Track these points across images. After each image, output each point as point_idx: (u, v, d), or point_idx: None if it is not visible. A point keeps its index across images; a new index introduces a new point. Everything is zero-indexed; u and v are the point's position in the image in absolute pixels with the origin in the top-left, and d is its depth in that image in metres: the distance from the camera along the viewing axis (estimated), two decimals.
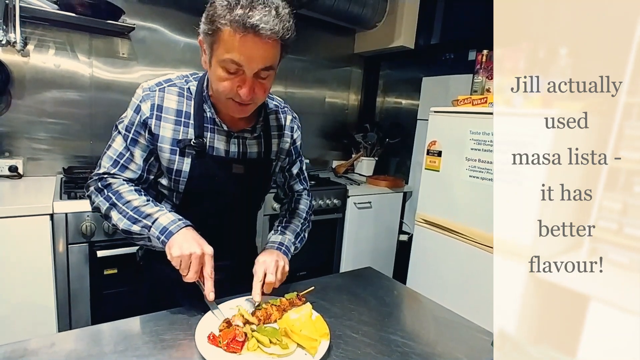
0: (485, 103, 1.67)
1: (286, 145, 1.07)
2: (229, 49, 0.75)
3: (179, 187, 0.93)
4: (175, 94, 0.91)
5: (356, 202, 2.41)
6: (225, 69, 0.78)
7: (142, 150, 0.90)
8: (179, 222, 0.84)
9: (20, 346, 0.69)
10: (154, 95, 0.89)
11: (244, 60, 0.76)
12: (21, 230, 1.45)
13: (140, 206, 0.86)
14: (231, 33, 0.74)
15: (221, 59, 0.77)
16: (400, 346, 0.79)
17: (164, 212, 0.86)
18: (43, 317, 1.54)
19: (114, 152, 0.90)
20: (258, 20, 0.72)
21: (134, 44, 2.08)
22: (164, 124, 0.89)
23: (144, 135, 0.89)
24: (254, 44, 0.74)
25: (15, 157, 1.87)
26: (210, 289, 0.80)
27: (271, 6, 0.74)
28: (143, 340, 0.74)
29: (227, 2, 0.73)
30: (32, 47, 1.84)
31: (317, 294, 0.97)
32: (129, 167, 0.90)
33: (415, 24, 2.54)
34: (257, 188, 1.05)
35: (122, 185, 0.89)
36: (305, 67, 2.78)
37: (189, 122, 0.91)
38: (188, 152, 0.91)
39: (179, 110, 0.90)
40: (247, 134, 0.96)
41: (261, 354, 0.71)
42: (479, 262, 1.64)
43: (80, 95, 1.98)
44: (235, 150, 0.95)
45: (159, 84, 0.91)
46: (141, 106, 0.88)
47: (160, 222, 0.83)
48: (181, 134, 0.90)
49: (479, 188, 1.64)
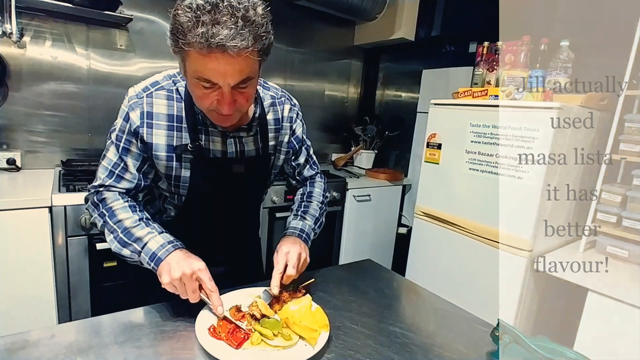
0: (485, 95, 1.66)
1: (285, 138, 1.03)
2: (198, 69, 0.70)
3: (180, 191, 0.91)
4: (164, 98, 0.86)
5: (355, 195, 2.41)
6: (200, 86, 0.73)
7: (135, 159, 0.88)
8: (167, 245, 0.80)
9: (21, 338, 0.69)
10: (142, 103, 0.84)
11: (216, 78, 0.70)
12: (20, 223, 1.45)
13: (130, 227, 0.83)
14: (197, 53, 0.68)
15: (194, 76, 0.72)
16: (400, 337, 0.79)
17: (154, 234, 0.82)
18: (43, 309, 1.55)
19: (109, 162, 0.87)
20: (223, 37, 0.64)
21: (132, 36, 2.06)
22: (156, 131, 0.85)
23: (136, 143, 0.86)
24: (225, 61, 0.68)
25: (13, 150, 1.86)
26: (217, 303, 0.76)
27: (237, 15, 0.65)
28: (143, 332, 0.74)
29: (188, 18, 0.65)
30: (29, 39, 1.82)
31: (317, 285, 0.97)
32: (125, 176, 0.88)
33: (415, 16, 2.52)
34: (258, 185, 1.03)
35: (116, 201, 0.86)
36: (305, 59, 2.76)
37: (182, 125, 0.87)
38: (186, 157, 0.88)
39: (170, 115, 0.86)
40: (242, 132, 0.92)
41: (265, 346, 0.71)
42: (478, 255, 1.64)
43: (78, 87, 1.97)
44: (232, 150, 0.92)
45: (145, 89, 0.86)
46: (130, 115, 0.84)
47: (149, 247, 0.80)
48: (175, 139, 0.87)
49: (479, 181, 1.64)
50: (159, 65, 2.15)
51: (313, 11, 2.55)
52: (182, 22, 0.66)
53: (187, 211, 0.96)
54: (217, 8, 0.65)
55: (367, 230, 2.56)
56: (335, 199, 2.31)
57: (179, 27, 0.67)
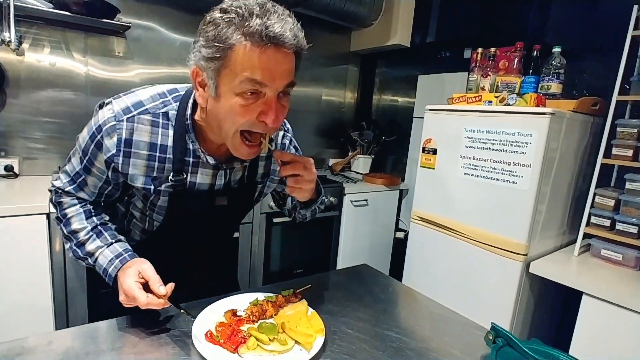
0: (480, 101, 1.68)
1: (277, 167, 0.94)
2: (247, 68, 0.63)
3: (154, 215, 0.86)
4: (147, 124, 0.76)
5: (352, 199, 2.42)
6: (243, 95, 0.66)
7: (97, 180, 0.81)
8: (115, 261, 0.78)
9: (18, 344, 0.69)
10: (120, 128, 0.74)
11: (267, 78, 0.64)
12: (18, 230, 1.45)
13: (83, 241, 0.81)
14: (249, 48, 0.62)
15: (238, 83, 0.64)
16: (395, 342, 0.80)
17: (103, 248, 0.80)
18: (40, 316, 1.55)
19: (72, 170, 0.82)
20: (280, 29, 0.61)
21: (130, 43, 2.07)
22: (134, 160, 0.76)
23: (102, 169, 0.79)
24: (276, 58, 0.64)
25: (10, 157, 1.87)
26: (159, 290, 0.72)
27: (284, 13, 0.64)
28: (140, 338, 0.74)
29: (237, 14, 0.62)
30: (27, 46, 1.84)
31: (313, 290, 0.97)
32: (84, 189, 0.83)
33: (411, 22, 2.54)
34: (237, 215, 0.98)
35: (72, 207, 0.83)
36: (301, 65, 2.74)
37: (166, 156, 0.78)
38: (165, 191, 0.80)
39: (152, 144, 0.77)
40: (236, 163, 0.84)
41: (261, 351, 0.72)
42: (474, 259, 1.65)
43: (76, 94, 1.98)
44: (221, 182, 0.85)
45: (127, 110, 0.75)
46: (104, 143, 0.74)
47: (100, 262, 0.79)
48: (156, 170, 0.78)
49: (474, 185, 1.65)
50: (156, 72, 2.17)
51: (309, 18, 2.57)
52: (230, 20, 0.62)
53: (155, 240, 0.89)
54: (265, 6, 0.63)
55: (364, 235, 2.57)
56: (332, 204, 2.32)
57: (223, 27, 0.62)
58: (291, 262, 2.29)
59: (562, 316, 1.86)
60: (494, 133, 1.56)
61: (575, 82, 1.77)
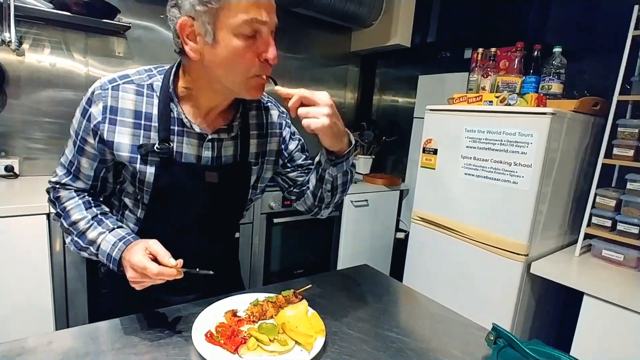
0: (480, 101, 1.68)
1: (274, 146, 0.94)
2: (247, 8, 0.66)
3: (144, 196, 0.83)
4: (132, 92, 0.78)
5: (353, 200, 2.42)
6: (244, 36, 0.68)
7: (91, 160, 0.81)
8: (119, 243, 0.77)
9: (18, 345, 0.69)
10: (106, 96, 0.77)
11: (265, 15, 0.68)
12: (18, 230, 1.45)
13: (84, 230, 0.80)
14: None
15: (238, 24, 0.67)
16: (395, 342, 0.80)
17: (105, 233, 0.79)
18: (40, 316, 1.55)
19: (66, 160, 0.83)
20: None
21: (130, 43, 2.08)
22: (119, 128, 0.77)
23: (92, 143, 0.79)
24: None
25: (11, 157, 1.87)
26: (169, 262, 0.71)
27: None
28: (140, 338, 0.74)
29: None
30: (28, 46, 1.84)
31: (314, 291, 0.97)
32: (79, 177, 0.83)
33: (411, 23, 2.54)
34: (234, 197, 0.92)
35: (71, 200, 0.83)
36: (302, 65, 2.78)
37: (151, 124, 0.79)
38: (151, 160, 0.79)
39: (137, 112, 0.78)
40: (223, 134, 0.84)
41: (261, 352, 0.72)
42: (475, 259, 1.65)
43: (76, 94, 1.97)
44: (208, 155, 0.84)
45: (112, 80, 0.78)
46: (91, 111, 0.77)
47: (103, 249, 0.78)
48: (142, 138, 0.78)
49: (474, 186, 1.65)
50: None
51: (310, 18, 2.57)
52: None
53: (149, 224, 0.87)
54: None
55: (365, 236, 2.57)
56: None
57: None
58: (291, 262, 2.29)
59: (563, 317, 1.86)
60: (495, 133, 1.56)
61: (575, 82, 1.77)
